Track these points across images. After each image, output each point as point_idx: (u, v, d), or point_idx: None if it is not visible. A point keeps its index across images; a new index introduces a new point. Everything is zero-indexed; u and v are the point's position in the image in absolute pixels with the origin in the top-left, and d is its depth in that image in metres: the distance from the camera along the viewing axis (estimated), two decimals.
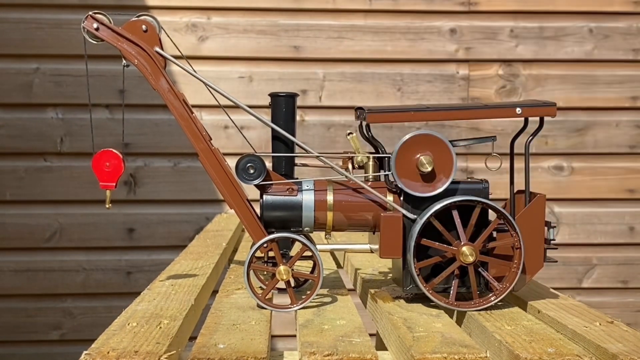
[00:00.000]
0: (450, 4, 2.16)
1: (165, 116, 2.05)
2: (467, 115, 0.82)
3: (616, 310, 2.19)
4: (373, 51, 2.16)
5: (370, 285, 0.93)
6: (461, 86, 2.18)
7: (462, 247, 0.77)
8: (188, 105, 0.85)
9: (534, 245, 0.79)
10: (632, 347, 0.64)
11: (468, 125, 2.15)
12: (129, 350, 0.64)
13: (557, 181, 2.19)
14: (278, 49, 2.13)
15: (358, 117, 0.84)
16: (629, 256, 2.22)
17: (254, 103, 1.94)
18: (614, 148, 2.20)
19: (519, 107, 0.80)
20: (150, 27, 0.85)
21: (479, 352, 0.63)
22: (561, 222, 2.19)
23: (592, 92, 2.20)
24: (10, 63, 2.03)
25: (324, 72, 2.15)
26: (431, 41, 2.17)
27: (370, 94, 2.15)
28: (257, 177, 0.84)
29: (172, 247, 2.04)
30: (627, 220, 2.22)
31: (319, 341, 0.67)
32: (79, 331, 2.12)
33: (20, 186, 2.08)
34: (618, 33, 2.20)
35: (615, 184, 2.21)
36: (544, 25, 2.19)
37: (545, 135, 2.17)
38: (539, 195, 0.80)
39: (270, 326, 0.76)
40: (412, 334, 0.69)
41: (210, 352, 0.64)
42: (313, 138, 2.12)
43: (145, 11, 1.22)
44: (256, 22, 2.13)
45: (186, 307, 0.82)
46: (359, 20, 2.15)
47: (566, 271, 2.19)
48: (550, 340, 0.67)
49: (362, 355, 0.63)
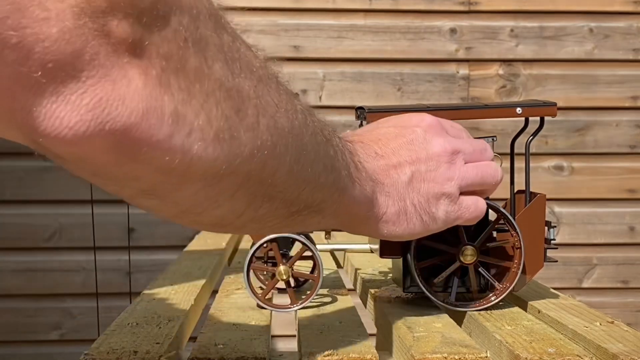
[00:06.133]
0: (450, 4, 2.16)
1: None
2: (467, 115, 0.82)
3: (616, 310, 2.19)
4: (373, 51, 2.16)
5: (370, 285, 0.93)
6: (461, 86, 2.18)
7: (462, 247, 0.77)
8: None
9: (534, 245, 0.79)
10: (633, 347, 0.64)
11: (468, 125, 2.14)
12: (128, 350, 0.64)
13: (557, 181, 2.19)
14: (278, 49, 2.13)
15: (358, 117, 0.84)
16: (629, 256, 2.22)
17: None
18: (614, 148, 2.20)
19: (519, 107, 0.80)
20: None
21: (479, 352, 0.63)
22: (561, 222, 2.19)
23: (593, 92, 2.20)
24: None
25: (324, 72, 2.15)
26: (431, 41, 2.17)
27: (370, 93, 2.15)
28: None
29: (172, 247, 2.04)
30: (628, 220, 2.22)
31: (319, 341, 0.67)
32: (79, 331, 2.12)
33: (20, 186, 2.08)
34: (618, 33, 2.20)
35: (616, 184, 2.21)
36: (544, 25, 2.19)
37: (545, 135, 2.17)
38: (539, 195, 0.80)
39: (270, 326, 0.76)
40: (412, 334, 0.69)
41: (210, 352, 0.64)
42: None
43: None
44: (256, 22, 2.13)
45: (186, 307, 0.82)
46: (359, 20, 2.15)
47: (566, 271, 2.19)
48: (551, 340, 0.67)
49: (362, 355, 0.63)
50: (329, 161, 0.56)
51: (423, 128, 0.68)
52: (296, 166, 0.52)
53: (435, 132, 0.68)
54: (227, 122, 0.43)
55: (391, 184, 0.65)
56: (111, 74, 0.36)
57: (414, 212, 0.66)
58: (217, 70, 0.42)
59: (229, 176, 0.45)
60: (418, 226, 0.66)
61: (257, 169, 0.47)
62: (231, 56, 0.43)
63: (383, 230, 0.66)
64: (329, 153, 0.56)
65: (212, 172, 0.44)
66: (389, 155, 0.66)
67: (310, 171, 0.54)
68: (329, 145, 0.57)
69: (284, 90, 0.50)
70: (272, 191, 0.51)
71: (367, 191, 0.62)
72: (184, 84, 0.40)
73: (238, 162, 0.45)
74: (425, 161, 0.66)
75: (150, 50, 0.37)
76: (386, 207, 0.65)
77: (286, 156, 0.50)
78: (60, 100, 0.35)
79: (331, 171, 0.57)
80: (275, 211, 0.53)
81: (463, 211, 0.69)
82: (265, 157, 0.47)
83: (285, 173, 0.51)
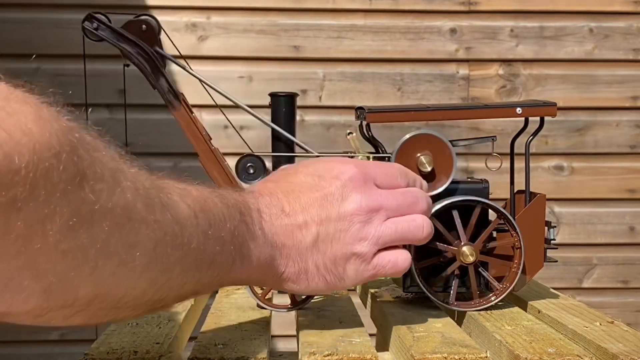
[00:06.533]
0: (450, 4, 2.16)
1: (165, 116, 2.04)
2: (467, 115, 0.82)
3: (616, 310, 2.19)
4: (373, 51, 2.15)
5: (370, 285, 0.93)
6: (461, 86, 2.18)
7: (462, 247, 0.77)
8: (188, 105, 0.85)
9: (534, 245, 0.79)
10: (633, 347, 0.64)
11: (468, 125, 2.15)
12: (128, 350, 0.64)
13: (557, 181, 2.19)
14: (278, 49, 2.13)
15: (358, 117, 0.84)
16: (630, 256, 2.22)
17: (253, 103, 1.94)
18: (614, 148, 2.20)
19: (519, 107, 0.80)
20: (150, 27, 0.85)
21: (479, 352, 0.63)
22: (561, 222, 2.19)
23: (593, 92, 2.20)
24: (10, 63, 2.02)
25: (323, 72, 2.15)
26: (431, 41, 2.17)
27: (370, 93, 2.15)
28: (257, 177, 0.84)
29: None
30: (628, 220, 2.22)
31: (319, 341, 0.67)
32: (79, 331, 2.12)
33: None
34: (618, 33, 2.20)
35: (616, 184, 2.20)
36: (544, 25, 2.19)
37: (545, 135, 2.17)
38: (539, 195, 0.80)
39: (270, 326, 0.76)
40: (412, 334, 0.69)
41: (210, 352, 0.64)
42: (313, 138, 2.12)
43: (145, 11, 1.22)
44: (256, 22, 2.13)
45: (186, 307, 0.82)
46: (359, 20, 2.15)
47: (566, 271, 2.19)
48: (551, 340, 0.67)
49: (362, 355, 0.63)
50: (205, 261, 0.55)
51: (342, 182, 0.64)
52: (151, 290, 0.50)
53: (354, 186, 0.64)
54: (60, 277, 0.42)
55: (292, 245, 0.63)
56: None
57: (316, 272, 0.64)
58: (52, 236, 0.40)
59: (61, 309, 0.45)
60: (321, 285, 0.65)
61: (99, 301, 0.47)
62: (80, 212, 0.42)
63: (284, 287, 0.66)
64: (208, 252, 0.55)
65: (37, 312, 0.44)
66: (297, 213, 0.63)
67: (172, 285, 0.52)
68: (211, 244, 0.55)
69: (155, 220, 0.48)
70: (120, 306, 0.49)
71: (262, 259, 0.61)
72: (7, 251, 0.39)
73: (72, 302, 0.45)
74: (335, 221, 0.64)
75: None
76: (285, 267, 0.63)
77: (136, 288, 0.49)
78: None
79: (208, 268, 0.56)
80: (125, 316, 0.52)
81: (378, 269, 0.66)
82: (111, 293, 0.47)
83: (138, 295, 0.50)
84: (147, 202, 0.48)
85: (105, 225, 0.43)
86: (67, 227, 0.41)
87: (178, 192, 0.53)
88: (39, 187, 0.39)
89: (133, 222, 0.46)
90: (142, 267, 0.48)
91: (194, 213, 0.53)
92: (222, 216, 0.56)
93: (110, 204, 0.44)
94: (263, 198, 0.63)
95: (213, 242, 0.55)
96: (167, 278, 0.51)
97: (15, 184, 0.37)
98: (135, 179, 0.47)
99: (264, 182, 0.68)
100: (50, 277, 0.41)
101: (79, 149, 0.42)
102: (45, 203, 0.39)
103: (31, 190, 0.38)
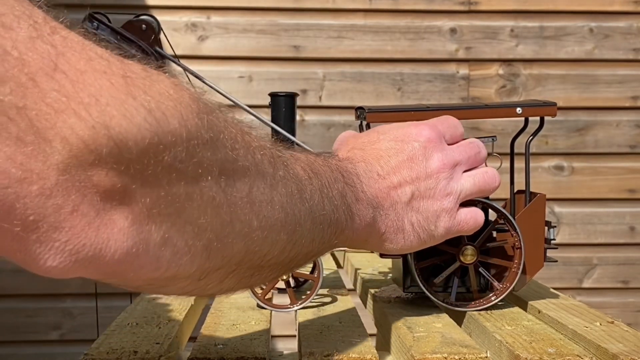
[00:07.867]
0: (450, 4, 2.16)
1: None
2: (467, 115, 0.82)
3: (617, 310, 2.19)
4: (373, 51, 2.15)
5: (370, 285, 0.93)
6: (461, 86, 2.18)
7: (462, 247, 0.77)
8: None
9: (534, 245, 0.79)
10: (633, 347, 0.64)
11: (468, 125, 2.14)
12: (128, 350, 0.64)
13: (557, 181, 2.19)
14: (278, 49, 2.13)
15: (358, 117, 0.83)
16: (630, 256, 2.22)
17: (253, 103, 1.94)
18: (615, 148, 2.20)
19: (519, 107, 0.80)
20: (149, 27, 0.85)
21: (479, 352, 0.63)
22: (561, 222, 2.19)
23: (593, 92, 2.20)
24: None
25: (324, 72, 2.15)
26: (431, 41, 2.17)
27: (370, 93, 2.15)
28: None
29: None
30: (628, 220, 2.22)
31: (319, 341, 0.67)
32: (79, 331, 2.12)
33: None
34: (618, 33, 2.20)
35: (616, 184, 2.20)
36: (545, 25, 2.19)
37: (545, 135, 2.17)
38: (539, 195, 0.80)
39: (270, 326, 0.76)
40: (412, 334, 0.69)
41: (210, 352, 0.64)
42: (313, 138, 2.12)
43: (145, 11, 1.22)
44: (256, 22, 2.13)
45: (186, 307, 0.82)
46: (359, 20, 2.15)
47: (566, 271, 2.19)
48: (551, 341, 0.67)
49: (362, 355, 0.63)
50: (326, 218, 0.57)
51: (421, 143, 0.68)
52: (289, 245, 0.53)
53: (433, 146, 0.69)
54: (217, 233, 0.44)
55: (390, 206, 0.66)
56: (94, 221, 0.37)
57: (411, 230, 0.68)
58: (207, 192, 0.42)
59: (218, 270, 0.47)
60: (415, 243, 0.69)
61: (248, 259, 0.49)
62: (226, 169, 0.44)
63: (383, 247, 0.68)
64: (327, 209, 0.57)
65: (199, 274, 0.45)
66: (390, 174, 0.67)
67: (304, 241, 0.55)
68: (327, 202, 0.58)
69: (282, 176, 0.51)
70: (263, 265, 0.51)
71: (367, 219, 0.64)
72: (172, 210, 0.40)
73: (227, 260, 0.47)
74: (425, 179, 0.67)
75: (135, 193, 0.38)
76: (385, 227, 0.67)
77: (278, 243, 0.51)
78: (44, 246, 0.36)
79: (329, 226, 0.58)
80: (265, 277, 0.54)
81: (462, 225, 0.70)
82: (258, 249, 0.49)
83: (278, 253, 0.52)
84: (272, 162, 0.50)
85: (246, 181, 0.46)
86: (217, 184, 0.43)
87: (289, 155, 0.56)
88: (192, 146, 0.40)
89: (266, 178, 0.48)
90: (281, 222, 0.50)
91: (308, 174, 0.56)
92: (330, 178, 0.59)
93: (247, 162, 0.46)
94: (359, 164, 0.66)
95: (328, 201, 0.58)
96: (300, 234, 0.53)
97: (174, 144, 0.39)
98: (258, 141, 0.50)
99: (351, 150, 0.70)
100: (209, 233, 0.43)
101: (214, 112, 0.44)
102: (199, 163, 0.41)
103: (187, 148, 0.40)
